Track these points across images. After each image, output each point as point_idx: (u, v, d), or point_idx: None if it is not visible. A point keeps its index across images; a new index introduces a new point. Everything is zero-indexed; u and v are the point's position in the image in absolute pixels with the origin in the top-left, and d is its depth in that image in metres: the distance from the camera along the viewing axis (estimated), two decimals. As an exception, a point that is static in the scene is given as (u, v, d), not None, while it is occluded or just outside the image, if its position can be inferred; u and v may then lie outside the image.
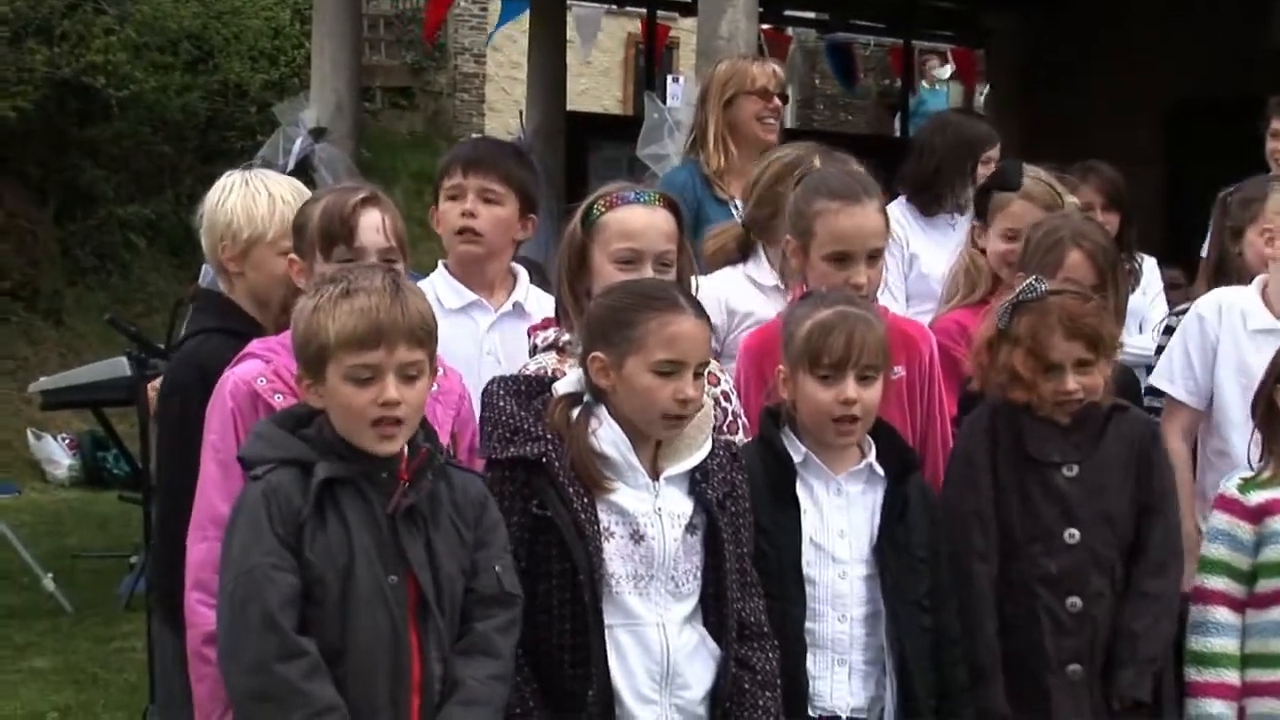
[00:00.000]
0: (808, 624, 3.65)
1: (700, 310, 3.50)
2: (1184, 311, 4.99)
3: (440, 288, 4.26)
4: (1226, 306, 4.58)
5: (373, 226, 3.76)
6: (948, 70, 18.38)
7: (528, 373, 3.72)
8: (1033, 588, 3.92)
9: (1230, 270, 5.04)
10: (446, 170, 4.30)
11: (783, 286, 4.43)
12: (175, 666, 3.85)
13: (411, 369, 3.21)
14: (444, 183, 4.28)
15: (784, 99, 5.79)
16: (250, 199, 4.11)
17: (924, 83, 19.14)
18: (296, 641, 3.09)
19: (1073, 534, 3.92)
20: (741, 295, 4.56)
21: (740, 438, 3.89)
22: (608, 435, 3.42)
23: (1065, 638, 3.91)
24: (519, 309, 4.23)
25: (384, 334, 3.18)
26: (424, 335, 3.24)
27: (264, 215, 4.09)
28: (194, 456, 3.68)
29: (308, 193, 4.15)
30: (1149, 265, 5.90)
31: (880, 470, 3.76)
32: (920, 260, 5.70)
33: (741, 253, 4.73)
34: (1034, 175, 4.84)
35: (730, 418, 3.92)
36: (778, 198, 4.44)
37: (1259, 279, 4.62)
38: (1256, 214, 4.96)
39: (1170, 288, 6.20)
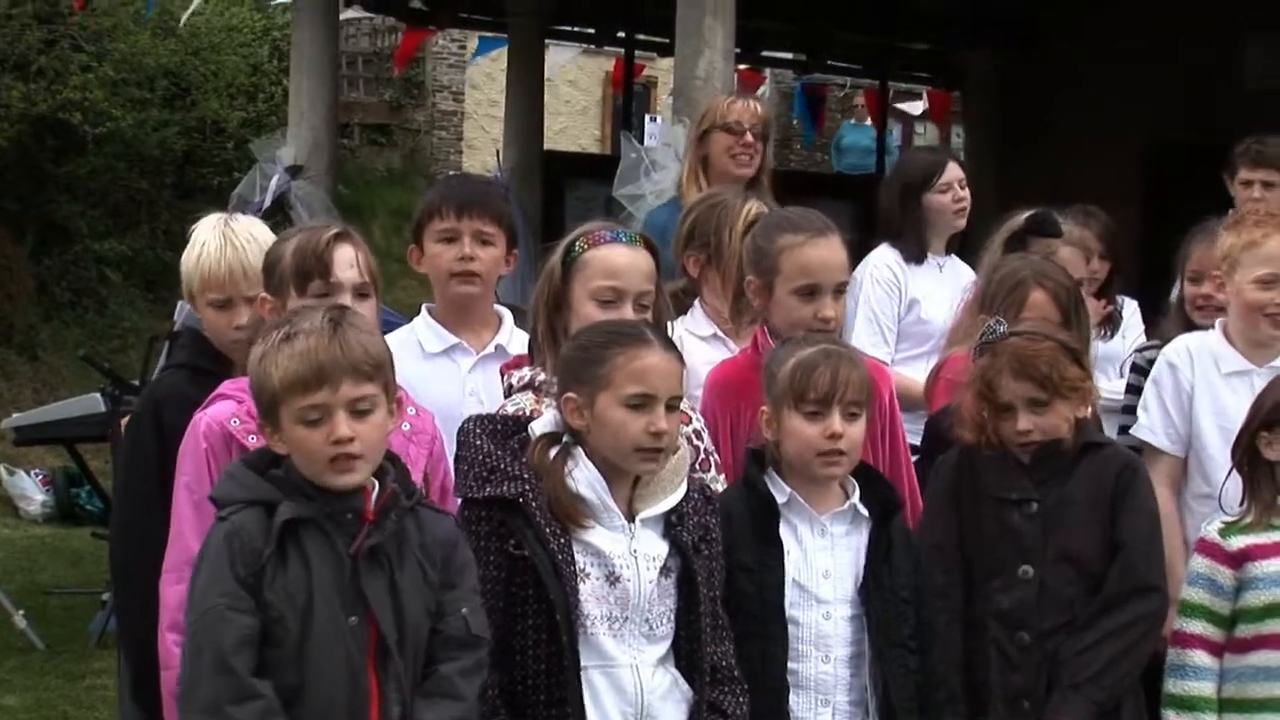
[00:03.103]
0: (791, 665, 3.64)
1: (669, 344, 3.50)
2: (1147, 348, 5.03)
3: (422, 332, 4.24)
4: (1195, 351, 4.60)
5: (347, 262, 3.78)
6: (920, 108, 18.43)
7: (505, 413, 3.70)
8: (986, 623, 3.94)
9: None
10: (438, 211, 4.20)
11: (721, 334, 4.47)
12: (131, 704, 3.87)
13: (362, 404, 3.18)
14: (433, 224, 4.20)
15: (764, 137, 5.76)
16: (188, 251, 4.17)
17: (851, 119, 19.15)
18: (251, 684, 3.05)
19: (1027, 570, 3.94)
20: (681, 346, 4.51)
21: (714, 475, 3.89)
22: (583, 476, 3.41)
23: (1013, 673, 3.92)
24: (501, 351, 4.20)
25: (325, 373, 3.15)
26: (371, 369, 3.20)
27: (190, 267, 4.15)
28: (139, 485, 3.81)
29: (242, 234, 4.15)
30: (1130, 309, 5.88)
31: (864, 511, 3.75)
32: (921, 306, 5.66)
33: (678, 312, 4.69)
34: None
35: (703, 455, 3.92)
36: (707, 234, 4.51)
37: (1219, 322, 4.64)
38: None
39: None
